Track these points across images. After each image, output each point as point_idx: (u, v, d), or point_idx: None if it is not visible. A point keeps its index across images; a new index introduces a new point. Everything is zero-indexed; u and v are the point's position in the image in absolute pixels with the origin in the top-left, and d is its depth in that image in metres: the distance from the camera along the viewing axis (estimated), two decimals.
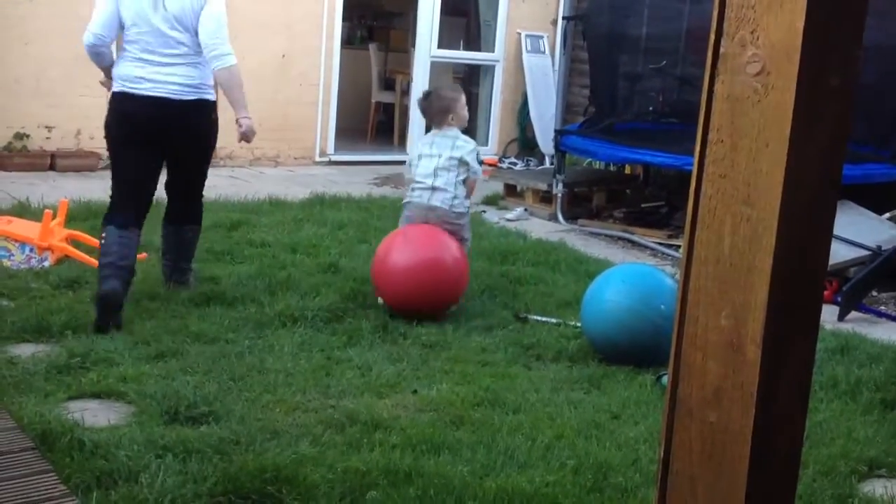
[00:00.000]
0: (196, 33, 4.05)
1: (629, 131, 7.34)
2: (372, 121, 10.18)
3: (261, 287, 4.40)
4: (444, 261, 4.29)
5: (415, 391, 3.39)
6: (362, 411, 3.13)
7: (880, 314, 5.04)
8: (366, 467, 2.67)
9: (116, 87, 4.06)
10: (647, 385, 3.63)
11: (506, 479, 2.71)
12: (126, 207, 4.04)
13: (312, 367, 3.52)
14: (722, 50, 1.32)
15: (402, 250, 4.32)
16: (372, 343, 3.86)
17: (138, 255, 4.53)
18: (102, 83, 4.27)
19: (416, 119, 9.33)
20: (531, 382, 3.59)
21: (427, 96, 4.80)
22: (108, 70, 4.16)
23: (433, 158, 4.55)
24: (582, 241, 6.44)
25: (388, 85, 10.34)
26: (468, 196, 4.64)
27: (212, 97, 4.23)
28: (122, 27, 4.01)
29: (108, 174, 4.26)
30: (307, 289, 4.42)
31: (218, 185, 7.18)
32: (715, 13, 1.32)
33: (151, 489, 2.47)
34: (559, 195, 7.08)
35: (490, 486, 2.65)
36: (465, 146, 4.59)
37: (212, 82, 4.21)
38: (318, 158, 8.78)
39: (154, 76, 4.00)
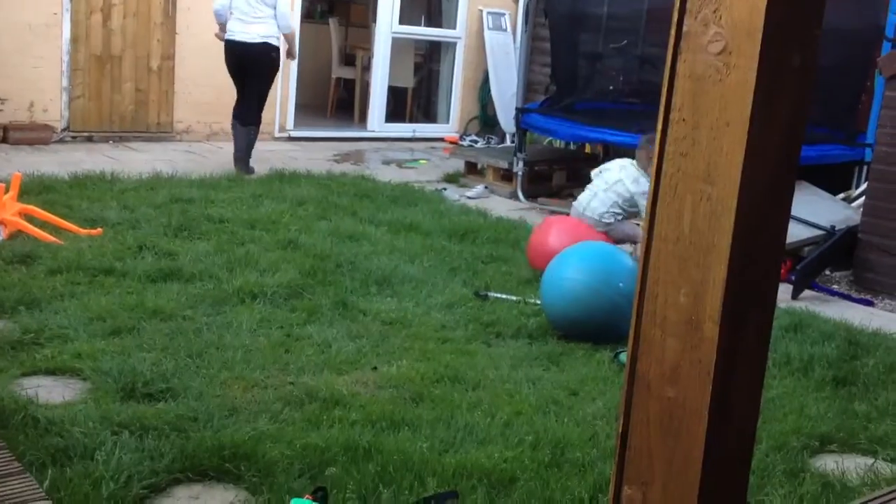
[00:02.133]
0: (271, 5, 6.72)
1: (590, 110, 7.37)
2: (332, 97, 10.08)
3: (219, 263, 4.35)
4: None
5: (374, 368, 3.39)
6: (322, 388, 3.12)
7: (833, 293, 5.15)
8: (325, 444, 2.67)
9: (227, 36, 6.81)
10: (604, 362, 3.67)
11: (465, 454, 2.73)
12: (237, 104, 7.02)
13: (271, 343, 3.50)
14: (685, 28, 1.32)
15: None
16: (332, 320, 3.84)
17: (93, 230, 4.65)
18: (217, 35, 6.91)
19: (376, 94, 9.28)
20: (491, 359, 3.61)
21: (647, 145, 5.03)
22: (223, 25, 6.82)
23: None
24: (542, 219, 6.47)
25: (348, 60, 10.24)
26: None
27: (274, 43, 6.81)
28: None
29: (61, 147, 4.24)
30: (266, 265, 4.38)
31: (175, 159, 7.10)
32: None
33: (107, 466, 2.44)
34: (520, 173, 7.10)
35: (449, 461, 2.66)
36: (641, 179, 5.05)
37: (278, 35, 6.84)
38: (277, 134, 8.68)
39: (241, 28, 6.74)
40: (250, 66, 6.79)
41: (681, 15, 1.32)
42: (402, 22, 9.30)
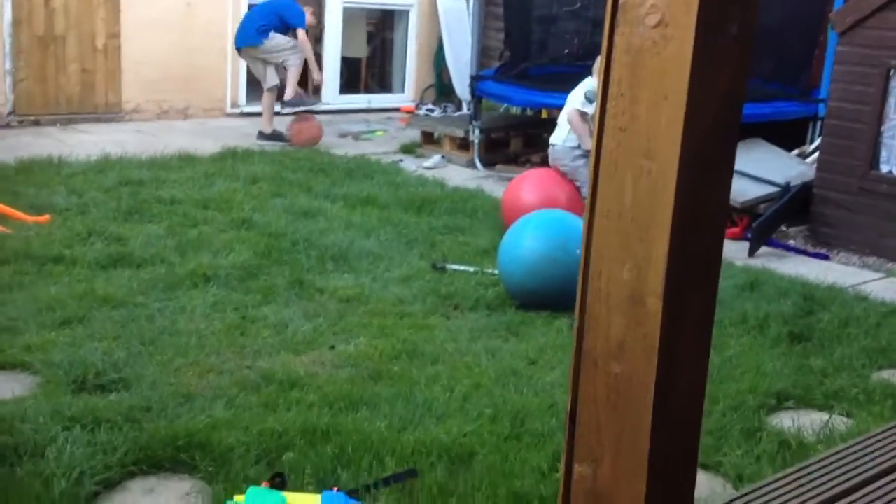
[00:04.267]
0: None
1: (545, 75, 7.31)
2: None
3: (170, 246, 4.27)
4: None
5: (332, 347, 3.36)
6: (278, 370, 3.08)
7: (788, 248, 5.20)
8: (282, 428, 2.63)
9: None
10: (563, 330, 3.67)
11: (424, 431, 2.71)
12: None
13: (226, 327, 3.45)
14: (621, 1, 1.29)
15: None
16: (288, 300, 3.79)
17: (41, 217, 4.56)
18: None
19: (329, 66, 9.13)
20: (449, 332, 3.59)
21: None
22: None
23: None
24: (500, 187, 6.41)
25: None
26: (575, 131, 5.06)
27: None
28: None
29: (7, 132, 4.11)
30: (220, 246, 4.31)
31: (124, 140, 6.94)
32: None
33: (59, 463, 2.39)
34: (476, 141, 7.05)
35: (408, 439, 2.64)
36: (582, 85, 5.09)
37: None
38: (229, 110, 8.53)
39: None
40: None
41: None
42: None
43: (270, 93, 7.31)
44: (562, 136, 5.11)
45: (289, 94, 7.24)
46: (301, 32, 7.28)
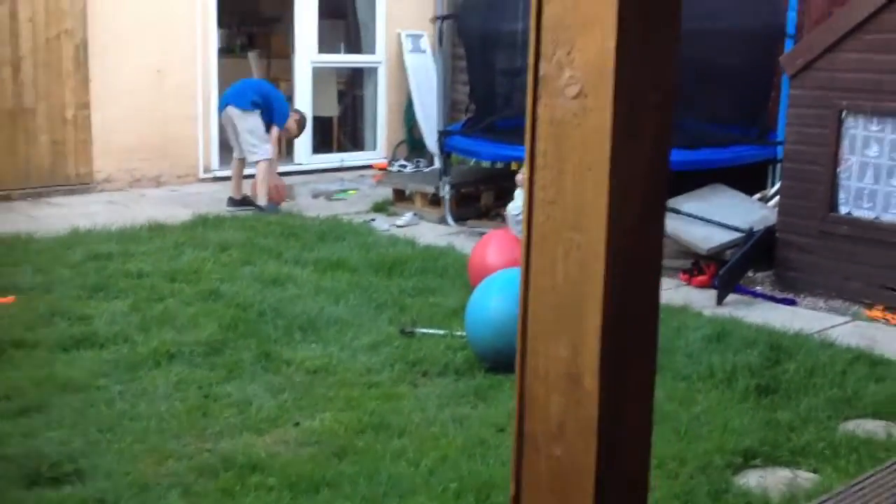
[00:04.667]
0: None
1: (513, 128, 7.35)
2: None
3: (134, 323, 4.23)
4: None
5: (297, 424, 3.32)
6: (239, 453, 3.03)
7: (756, 294, 5.20)
8: None
9: None
10: None
11: None
12: None
13: (188, 408, 3.40)
14: (541, 72, 1.28)
15: None
16: (253, 374, 3.75)
17: (4, 298, 4.54)
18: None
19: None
20: (417, 401, 3.55)
21: None
22: None
23: None
24: (471, 242, 6.41)
25: None
26: None
27: None
28: None
29: None
30: (185, 321, 4.27)
31: (96, 212, 6.93)
32: (532, 34, 1.28)
33: None
34: (447, 197, 7.07)
35: None
36: None
37: None
38: (202, 175, 8.54)
39: None
40: None
41: (536, 58, 1.27)
42: (321, 51, 9.24)
43: (240, 161, 7.33)
44: (519, 206, 5.14)
45: (262, 201, 7.14)
46: (276, 130, 7.31)
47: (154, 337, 4.03)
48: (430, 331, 4.33)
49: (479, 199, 7.43)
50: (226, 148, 8.89)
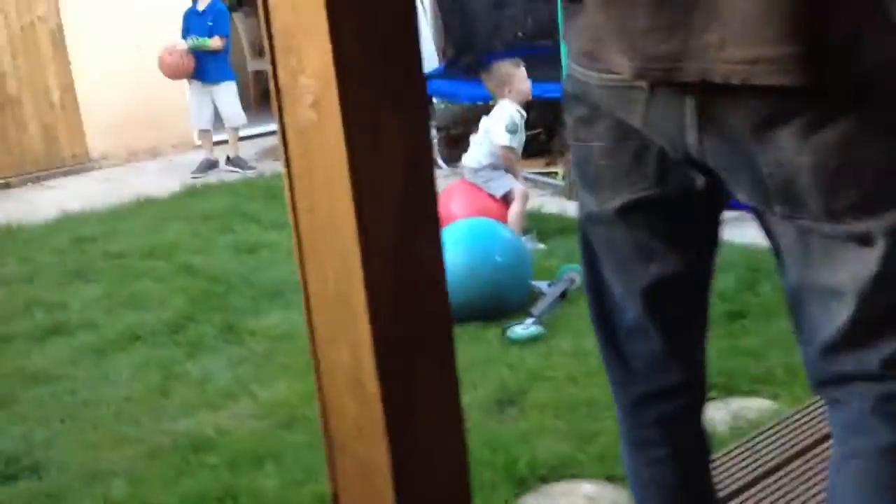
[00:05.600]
0: None
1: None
2: (252, 91, 9.90)
3: (104, 307, 4.27)
4: None
5: (253, 395, 3.33)
6: (192, 432, 3.06)
7: (748, 208, 5.05)
8: (175, 499, 2.61)
9: None
10: (492, 340, 3.60)
11: (326, 481, 2.67)
12: None
13: (148, 390, 3.43)
14: (280, 82, 1.23)
15: None
16: (215, 349, 3.77)
17: None
18: None
19: None
20: None
21: (488, 69, 4.92)
22: None
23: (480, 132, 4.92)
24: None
25: (262, 52, 10.02)
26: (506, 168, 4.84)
27: None
28: None
29: None
30: (154, 300, 4.30)
31: (91, 192, 6.98)
32: (266, 41, 1.23)
33: None
34: (434, 141, 6.97)
35: (306, 492, 2.61)
36: (499, 116, 4.81)
37: None
38: (197, 142, 8.53)
39: None
40: None
41: (274, 68, 1.23)
42: None
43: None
44: (476, 158, 4.91)
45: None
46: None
47: (120, 320, 4.07)
48: None
49: (467, 140, 7.31)
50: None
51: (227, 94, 7.34)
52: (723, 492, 2.40)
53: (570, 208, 5.05)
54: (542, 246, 4.69)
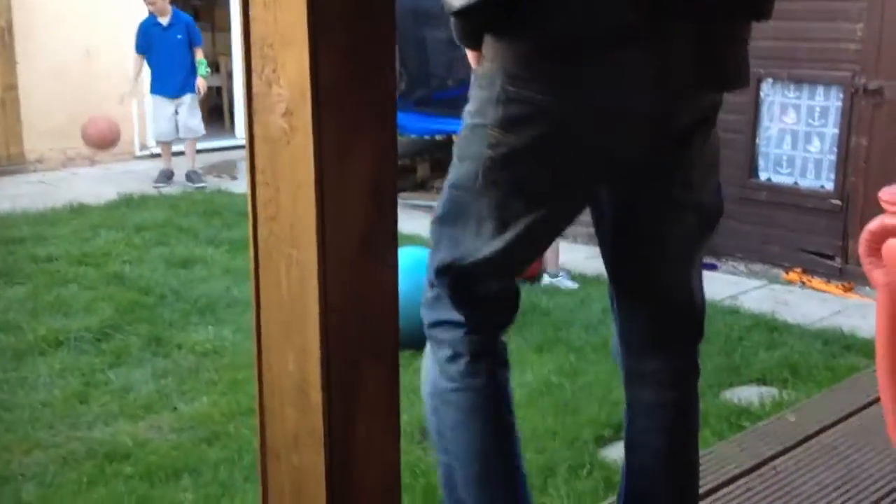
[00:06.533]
0: None
1: (449, 99, 7.28)
2: (202, 107, 9.80)
3: (28, 310, 4.17)
4: None
5: (174, 409, 3.29)
6: (108, 440, 3.00)
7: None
8: None
9: None
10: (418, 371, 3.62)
11: (242, 499, 2.65)
12: None
13: (66, 396, 3.36)
14: (253, 89, 1.26)
15: None
16: (140, 360, 3.71)
17: None
18: None
19: (240, 100, 9.06)
20: None
21: None
22: None
23: None
24: (405, 215, 6.33)
25: (215, 68, 9.98)
26: None
27: None
28: None
29: None
30: (81, 306, 4.21)
31: (23, 193, 6.83)
32: (242, 49, 1.26)
33: None
34: None
35: None
36: None
37: None
38: (138, 153, 8.43)
39: None
40: None
41: (248, 75, 1.25)
42: None
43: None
44: None
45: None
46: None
47: (43, 324, 3.97)
48: None
49: (414, 171, 7.38)
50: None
51: (191, 106, 7.28)
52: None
53: None
54: (575, 286, 4.73)
